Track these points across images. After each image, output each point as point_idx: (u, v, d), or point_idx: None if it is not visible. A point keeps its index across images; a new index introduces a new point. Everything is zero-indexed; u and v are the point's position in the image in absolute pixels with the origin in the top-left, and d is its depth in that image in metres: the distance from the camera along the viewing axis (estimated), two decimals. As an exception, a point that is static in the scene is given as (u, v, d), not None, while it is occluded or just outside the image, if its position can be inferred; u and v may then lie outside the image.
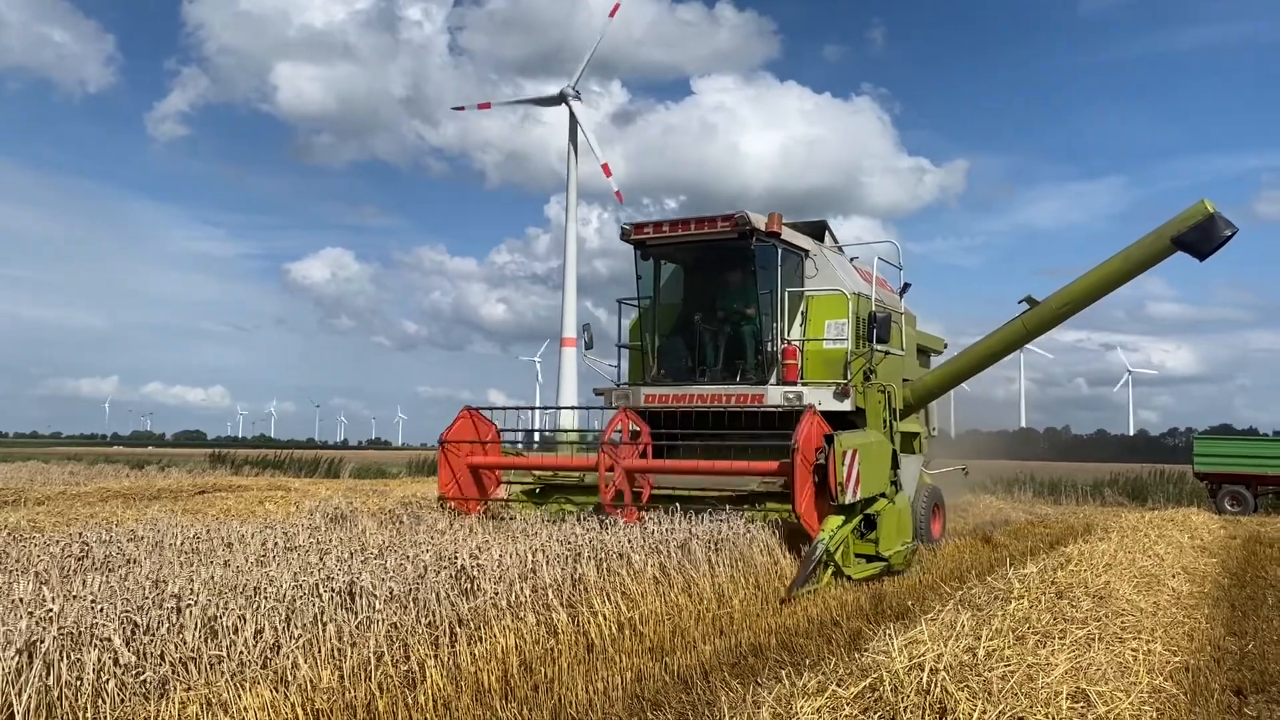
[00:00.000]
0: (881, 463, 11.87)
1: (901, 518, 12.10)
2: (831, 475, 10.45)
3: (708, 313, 13.97)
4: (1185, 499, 26.79)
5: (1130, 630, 6.21)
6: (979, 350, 14.40)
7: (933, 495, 15.37)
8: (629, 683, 6.24)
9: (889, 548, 11.41)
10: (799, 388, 12.72)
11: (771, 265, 13.16)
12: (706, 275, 14.29)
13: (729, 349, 13.71)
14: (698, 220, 13.18)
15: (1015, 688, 4.27)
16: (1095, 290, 13.36)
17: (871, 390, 13.20)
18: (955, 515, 20.72)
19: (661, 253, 13.95)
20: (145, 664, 5.08)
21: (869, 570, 10.98)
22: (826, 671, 4.73)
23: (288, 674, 5.39)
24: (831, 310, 13.45)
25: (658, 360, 14.05)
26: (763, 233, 12.81)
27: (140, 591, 5.65)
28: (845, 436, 10.85)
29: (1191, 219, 12.42)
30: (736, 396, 12.88)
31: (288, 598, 5.82)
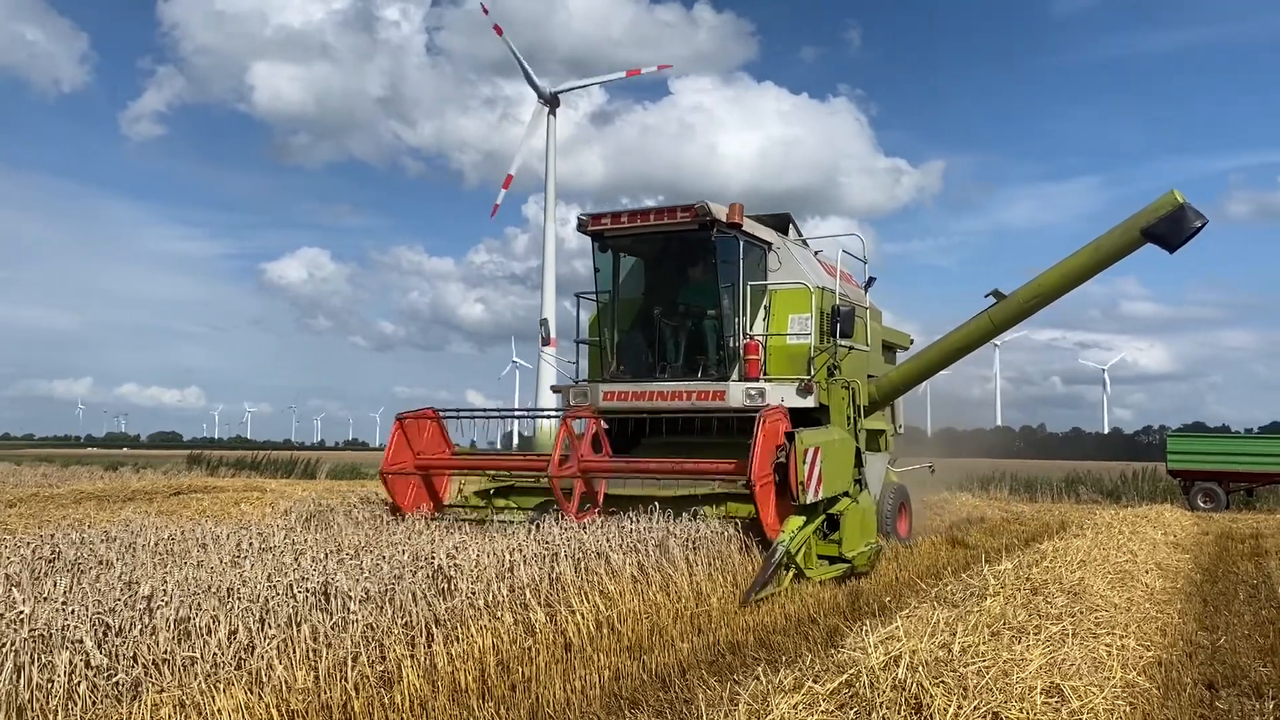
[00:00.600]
0: (844, 461, 11.58)
1: (865, 517, 11.79)
2: (792, 474, 10.12)
3: (668, 307, 13.55)
4: (1159, 496, 27.04)
5: (1104, 626, 6.25)
6: (945, 345, 14.11)
7: (899, 494, 15.12)
8: (607, 681, 6.23)
9: (852, 548, 11.11)
10: (761, 384, 12.40)
11: (733, 258, 12.77)
12: (667, 268, 13.90)
13: (690, 344, 13.30)
14: (657, 211, 12.77)
15: (990, 683, 4.29)
16: (1064, 283, 13.08)
17: (835, 386, 12.89)
18: (932, 513, 20.83)
19: (620, 244, 13.53)
20: (117, 666, 5.03)
21: (831, 572, 10.71)
22: (803, 668, 4.73)
23: (262, 675, 5.35)
24: (795, 304, 13.07)
25: (617, 357, 13.60)
26: (723, 224, 12.42)
27: (112, 593, 5.58)
28: (806, 434, 10.51)
29: (1161, 210, 12.19)
30: (697, 393, 12.49)
31: (262, 598, 5.77)
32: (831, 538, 10.89)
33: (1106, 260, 12.82)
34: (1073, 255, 12.99)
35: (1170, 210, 12.11)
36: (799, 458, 10.12)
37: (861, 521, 11.53)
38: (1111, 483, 30.56)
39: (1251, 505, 25.32)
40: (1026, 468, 39.61)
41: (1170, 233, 12.15)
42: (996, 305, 13.44)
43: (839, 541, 10.91)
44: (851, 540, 11.11)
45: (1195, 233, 12.21)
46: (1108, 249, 12.71)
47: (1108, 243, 12.71)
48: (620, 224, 12.95)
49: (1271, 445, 25.54)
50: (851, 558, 10.96)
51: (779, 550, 9.56)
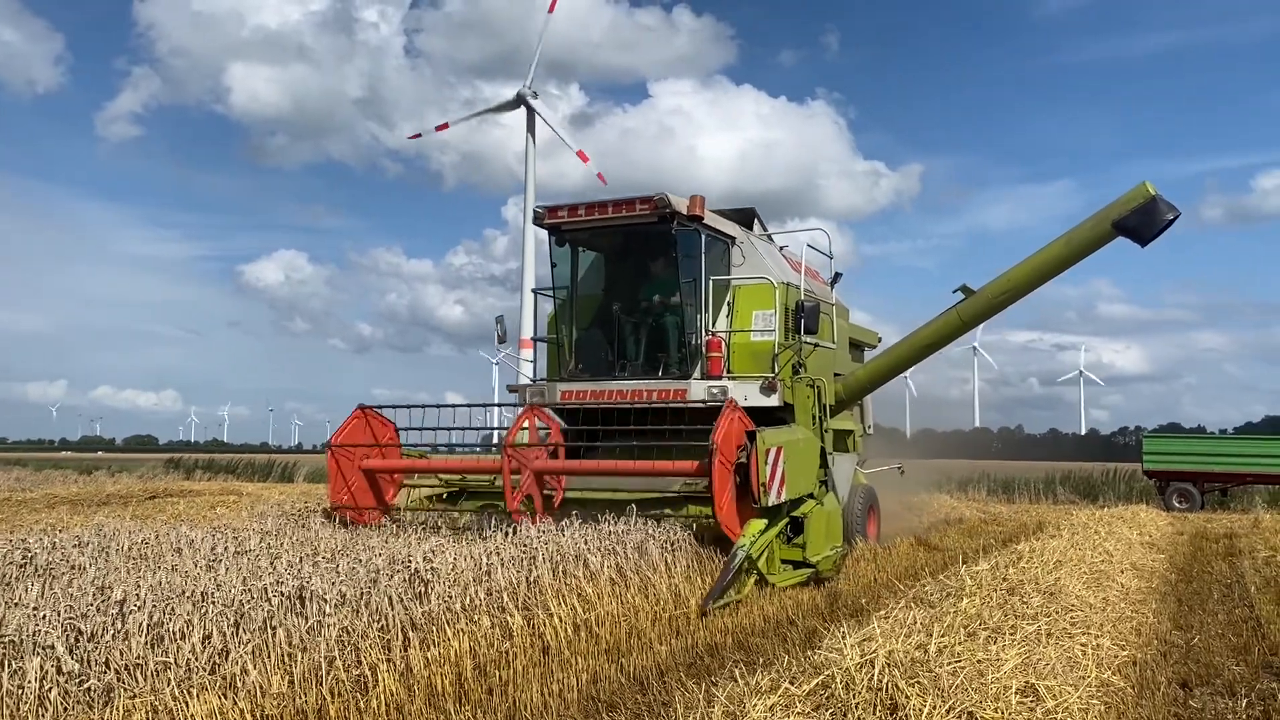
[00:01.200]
0: (809, 461, 11.18)
1: (831, 520, 11.39)
2: (754, 475, 9.71)
3: (628, 303, 13.13)
4: (1135, 496, 27.27)
5: (1079, 626, 6.29)
6: (913, 342, 13.74)
7: (868, 496, 14.76)
8: (584, 684, 6.22)
9: (817, 552, 10.74)
10: (724, 382, 11.97)
11: (695, 252, 12.42)
12: (627, 263, 13.45)
13: (650, 342, 12.91)
14: (615, 203, 12.31)
15: (965, 683, 4.30)
16: (1035, 277, 12.74)
17: (800, 384, 12.47)
18: (912, 514, 20.90)
19: (578, 238, 13.09)
20: (89, 671, 4.98)
21: (795, 577, 10.38)
22: (780, 670, 4.74)
23: (236, 680, 5.31)
24: (759, 300, 12.67)
25: (575, 354, 13.17)
26: (684, 216, 12.04)
27: (85, 598, 5.54)
28: (768, 433, 10.07)
29: (1133, 202, 11.88)
30: (658, 392, 12.07)
31: (236, 603, 5.73)
32: (795, 541, 10.55)
33: (1078, 254, 12.53)
34: (1043, 249, 12.73)
35: (1142, 202, 11.83)
36: (760, 458, 9.72)
37: (827, 525, 11.17)
38: (1089, 483, 30.77)
39: (1226, 505, 25.55)
40: (1004, 469, 39.83)
41: (1142, 225, 11.87)
42: (965, 301, 13.12)
43: (803, 545, 10.56)
44: (816, 544, 10.76)
45: (1167, 225, 11.91)
46: (1079, 242, 12.41)
47: (1079, 236, 12.41)
48: (578, 217, 12.57)
49: (1245, 446, 25.81)
50: (816, 562, 10.62)
51: (738, 555, 9.21)
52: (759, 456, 9.71)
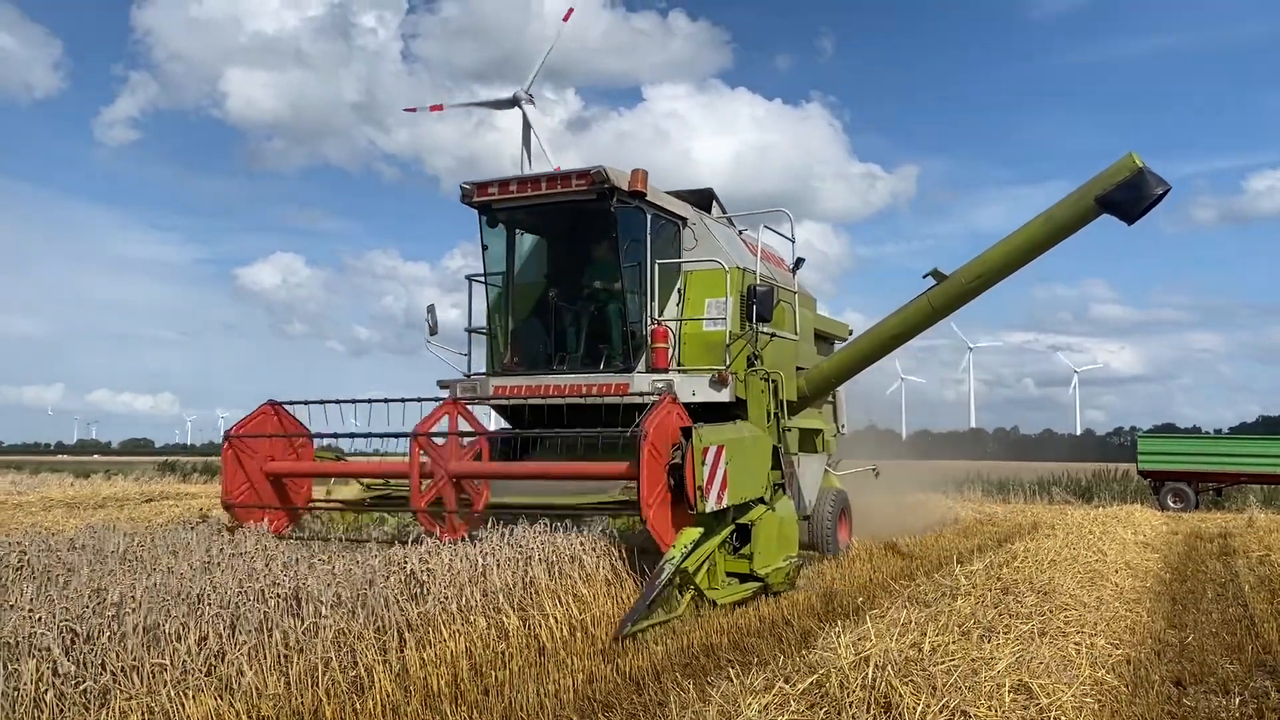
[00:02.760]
0: (758, 462, 9.98)
1: (784, 528, 10.18)
2: (689, 477, 8.62)
3: (567, 289, 12.10)
4: (1130, 496, 27.32)
5: (1073, 624, 6.32)
6: (881, 333, 12.70)
7: (839, 499, 13.82)
8: (580, 685, 6.22)
9: (766, 564, 9.63)
10: (670, 375, 10.95)
11: (639, 232, 11.35)
12: (567, 245, 12.48)
13: (591, 332, 11.89)
14: (549, 178, 11.30)
15: (959, 682, 4.32)
16: (1012, 260, 11.79)
17: (754, 378, 11.39)
18: (908, 514, 20.93)
19: (511, 218, 12.00)
20: (85, 673, 4.99)
21: (740, 593, 9.30)
22: (775, 669, 4.76)
23: (232, 682, 5.32)
24: (712, 287, 11.67)
25: (511, 346, 12.13)
26: (624, 192, 10.97)
27: (80, 600, 5.54)
28: (707, 430, 8.95)
29: (1118, 175, 10.91)
30: (598, 386, 11.02)
31: (232, 604, 5.75)
32: (742, 552, 9.48)
33: (1059, 233, 11.55)
34: (1021, 229, 11.73)
35: (1128, 175, 10.86)
36: (697, 457, 8.64)
37: (779, 533, 10.03)
38: (1083, 483, 30.83)
39: (1220, 505, 25.62)
40: (999, 469, 39.89)
41: (1128, 200, 10.92)
42: (936, 287, 12.12)
43: (750, 556, 9.47)
44: (766, 554, 9.67)
45: (1156, 200, 10.95)
46: (1059, 221, 11.43)
47: (1059, 214, 11.43)
48: (509, 193, 11.49)
49: (1240, 446, 25.87)
50: (765, 575, 9.54)
51: (665, 569, 8.06)
52: (695, 456, 8.64)
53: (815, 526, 12.99)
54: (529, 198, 11.39)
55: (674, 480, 8.74)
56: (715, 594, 8.93)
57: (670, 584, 8.17)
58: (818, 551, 12.86)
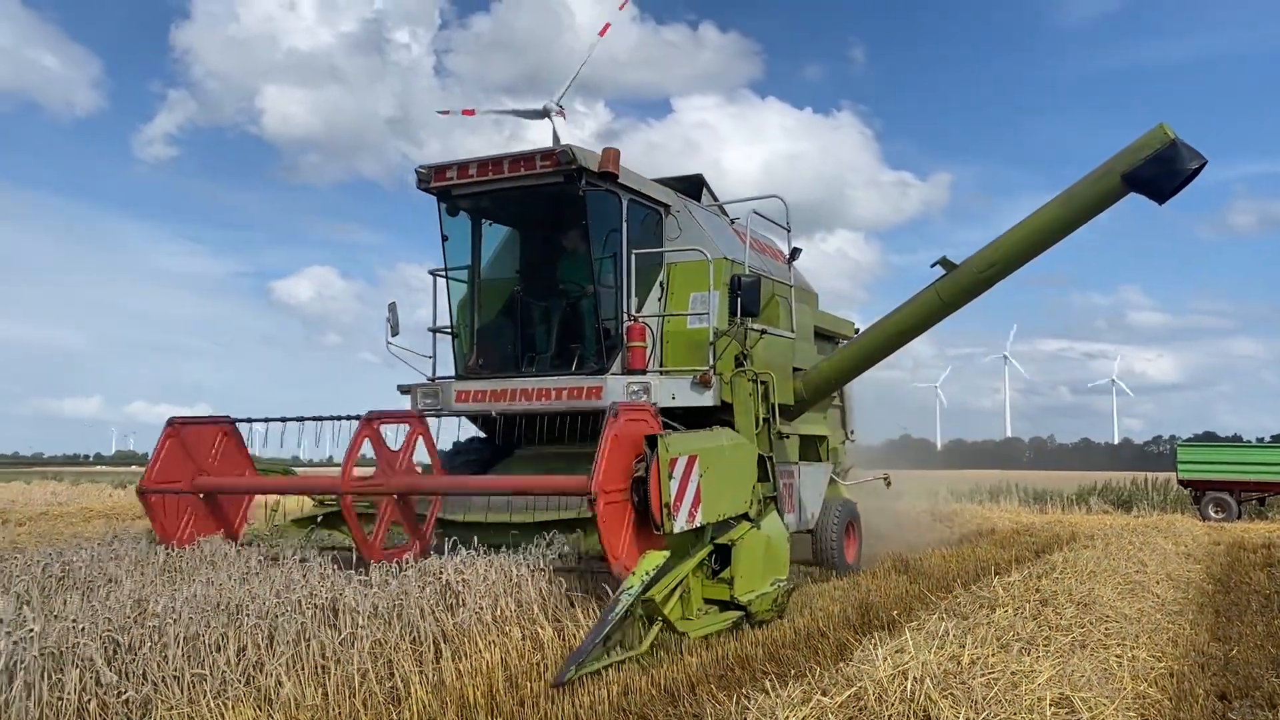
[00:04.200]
0: (740, 474, 8.94)
1: (772, 548, 8.93)
2: (654, 493, 7.63)
3: (538, 284, 11.11)
4: (1170, 506, 26.92)
5: (1114, 637, 6.23)
6: (885, 329, 11.64)
7: (846, 512, 12.82)
8: (615, 697, 6.21)
9: (749, 589, 8.45)
10: (646, 378, 9.94)
11: (612, 219, 10.44)
12: (535, 235, 11.50)
13: (563, 331, 10.93)
14: (513, 159, 10.19)
15: (999, 695, 4.28)
16: (1028, 246, 10.77)
17: (741, 379, 10.20)
18: (942, 524, 20.77)
19: (473, 205, 11.02)
20: (127, 683, 5.06)
21: (715, 624, 8.04)
22: (812, 681, 4.72)
23: (271, 692, 5.37)
24: (697, 280, 10.74)
25: (477, 347, 11.18)
26: (594, 174, 10.00)
27: (122, 610, 5.61)
28: (677, 439, 8.01)
29: (1146, 149, 9.78)
30: (569, 391, 10.02)
31: (270, 615, 5.80)
32: (722, 576, 8.35)
33: (1080, 215, 10.49)
34: (1038, 212, 10.67)
35: (1158, 149, 9.70)
36: (663, 470, 7.63)
37: (766, 554, 8.80)
38: (1122, 492, 30.44)
39: (1264, 515, 25.18)
40: (1036, 478, 39.48)
41: (1159, 177, 9.76)
42: (945, 277, 11.08)
43: (730, 581, 8.32)
44: (749, 578, 8.49)
45: (1191, 177, 9.81)
46: (1080, 201, 10.40)
47: (1080, 193, 10.39)
48: (469, 177, 10.46)
49: (1283, 454, 25.41)
50: (747, 602, 8.35)
51: (621, 601, 6.87)
52: (661, 468, 7.65)
53: (820, 541, 12.32)
54: (491, 182, 10.41)
55: (638, 497, 7.76)
56: (688, 626, 7.78)
57: (629, 617, 7.05)
58: (823, 567, 12.23)
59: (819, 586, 10.95)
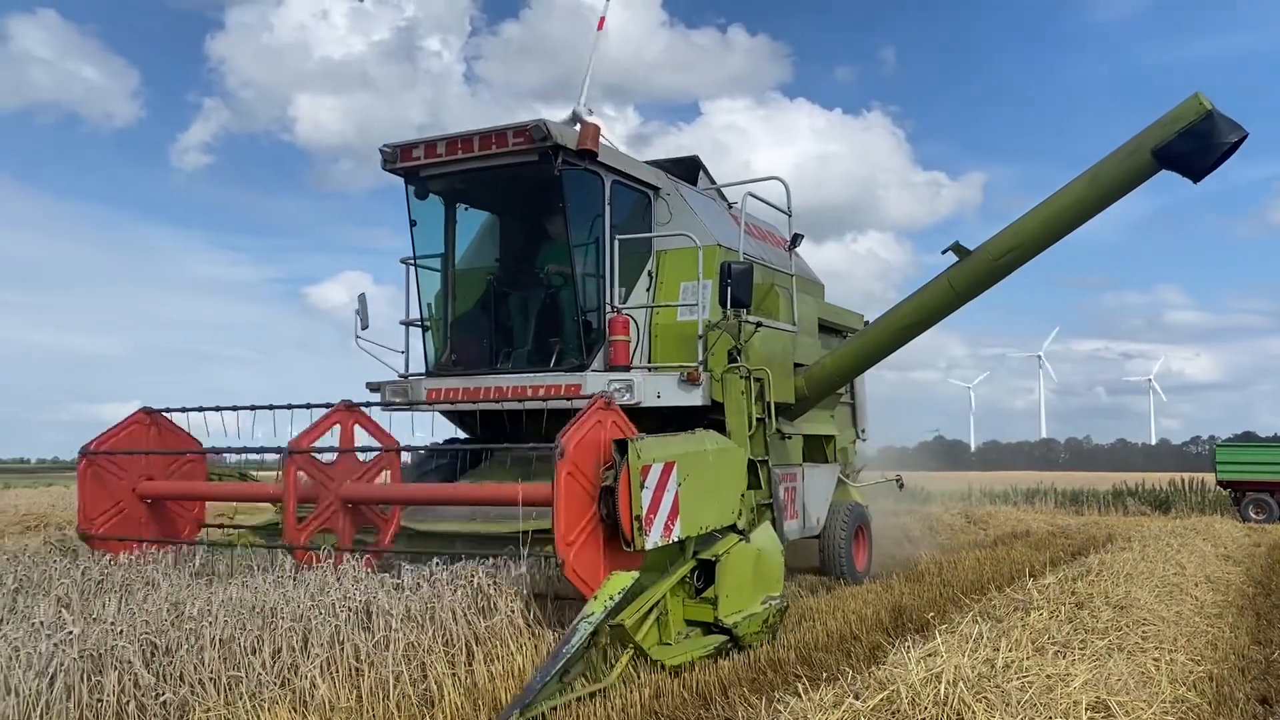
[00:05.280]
0: (726, 481, 8.09)
1: (763, 563, 8.14)
2: (624, 504, 6.85)
3: (514, 273, 10.43)
4: (1209, 508, 26.56)
5: (1152, 640, 6.16)
6: (892, 321, 10.89)
7: (855, 517, 12.15)
8: (647, 700, 6.21)
9: (736, 609, 7.59)
10: (629, 375, 9.15)
11: (593, 202, 9.74)
12: (512, 220, 10.79)
13: (541, 324, 10.14)
14: (484, 136, 9.42)
15: (1034, 699, 4.24)
16: (1050, 228, 9.95)
17: (734, 376, 9.45)
18: (975, 527, 20.62)
19: (444, 187, 10.25)
20: (165, 685, 5.13)
21: (698, 650, 7.18)
22: (844, 685, 4.70)
23: (306, 694, 5.42)
24: (689, 269, 9.94)
25: (450, 341, 10.47)
26: (571, 151, 9.27)
27: (159, 614, 5.69)
28: (651, 443, 7.14)
29: (1180, 122, 9.02)
30: (546, 388, 9.20)
31: (305, 618, 5.85)
32: (706, 595, 7.52)
33: (1107, 195, 9.67)
34: (1060, 192, 9.86)
35: (1193, 121, 8.93)
36: (634, 479, 6.87)
37: (755, 570, 8.00)
38: (1159, 494, 30.07)
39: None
40: (1071, 479, 39.08)
41: (1194, 152, 9.02)
42: (959, 265, 10.29)
43: (714, 601, 7.47)
44: (736, 598, 7.65)
45: (1229, 151, 9.11)
46: (1108, 180, 9.58)
47: (1107, 171, 9.59)
48: (437, 157, 9.74)
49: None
50: (733, 625, 7.47)
51: (579, 630, 6.05)
52: (632, 476, 6.88)
53: (827, 547, 11.73)
54: (460, 161, 9.66)
55: (606, 509, 6.95)
56: (664, 653, 6.94)
57: (590, 647, 6.29)
58: (831, 576, 11.72)
59: (851, 589, 10.90)
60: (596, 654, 6.51)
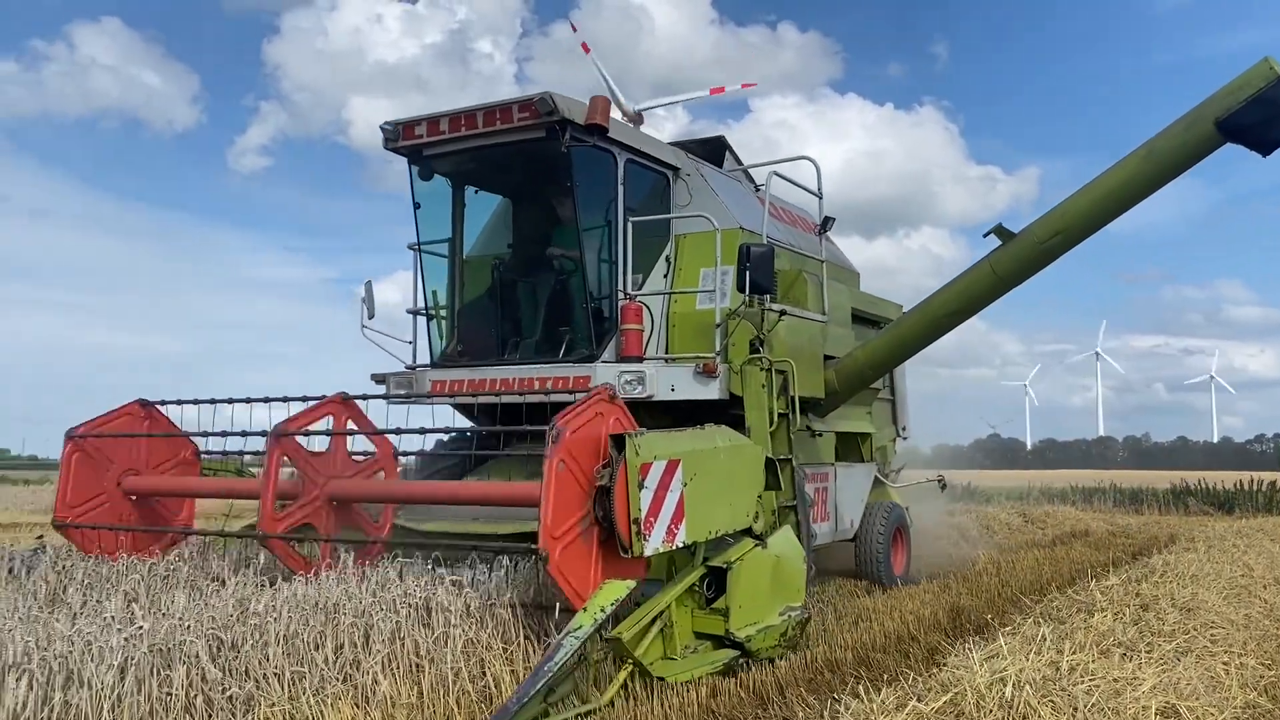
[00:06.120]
0: (739, 481, 7.40)
1: (783, 570, 7.46)
2: (620, 507, 6.27)
3: (524, 259, 9.96)
4: (1275, 507, 25.93)
5: (1220, 643, 6.03)
6: (931, 309, 10.15)
7: (893, 518, 11.54)
8: (704, 698, 6.21)
9: (750, 621, 6.94)
10: (641, 366, 8.65)
11: (605, 181, 9.20)
12: (519, 202, 10.36)
13: (550, 312, 9.67)
14: (488, 111, 8.92)
15: (1101, 703, 4.18)
16: (1101, 209, 9.19)
17: (754, 369, 8.91)
18: (1033, 526, 20.33)
19: (449, 167, 9.76)
20: (231, 680, 5.22)
21: (705, 665, 6.60)
22: (905, 688, 4.67)
23: (368, 690, 5.49)
24: (708, 254, 9.27)
25: (458, 331, 10.03)
26: (579, 126, 8.73)
27: (225, 609, 5.80)
28: (652, 439, 6.52)
29: (1247, 89, 8.23)
30: (552, 381, 8.74)
31: (366, 614, 5.93)
32: (716, 605, 6.91)
33: (1164, 172, 8.86)
34: (1112, 169, 9.08)
35: (1262, 88, 8.16)
36: (632, 478, 6.28)
37: (773, 577, 7.34)
38: (1222, 493, 29.43)
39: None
40: (1130, 478, 38.35)
41: (1263, 122, 8.29)
42: (1001, 249, 9.60)
43: (725, 612, 6.84)
44: (751, 609, 6.98)
45: None
46: (1165, 155, 8.77)
47: (1165, 145, 8.77)
48: (440, 134, 9.23)
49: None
50: (745, 638, 6.83)
51: (565, 646, 5.45)
52: (630, 475, 6.29)
53: (863, 550, 11.18)
54: (464, 139, 9.17)
55: (602, 510, 6.37)
56: (667, 669, 6.39)
57: (580, 663, 5.74)
58: (868, 580, 11.17)
59: (908, 589, 10.80)
60: (589, 671, 5.94)
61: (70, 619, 5.63)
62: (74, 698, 4.74)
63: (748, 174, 11.83)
